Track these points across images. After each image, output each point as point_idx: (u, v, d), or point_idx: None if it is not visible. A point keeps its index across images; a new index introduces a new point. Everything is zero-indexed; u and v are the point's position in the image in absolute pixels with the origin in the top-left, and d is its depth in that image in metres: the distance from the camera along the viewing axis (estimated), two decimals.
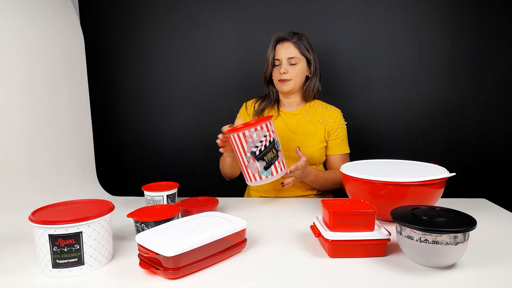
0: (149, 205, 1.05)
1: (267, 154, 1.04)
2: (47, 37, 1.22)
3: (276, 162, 1.06)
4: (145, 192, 1.11)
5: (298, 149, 1.17)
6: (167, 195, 1.09)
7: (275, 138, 1.05)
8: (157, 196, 1.09)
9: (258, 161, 1.04)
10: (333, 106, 1.39)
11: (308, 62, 1.32)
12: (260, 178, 1.05)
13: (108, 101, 1.77)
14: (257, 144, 1.02)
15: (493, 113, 1.59)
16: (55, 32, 1.27)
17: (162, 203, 1.09)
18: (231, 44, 1.67)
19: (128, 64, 1.74)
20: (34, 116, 1.14)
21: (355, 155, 1.39)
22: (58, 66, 1.28)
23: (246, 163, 1.05)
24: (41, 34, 1.19)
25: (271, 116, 1.07)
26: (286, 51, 1.28)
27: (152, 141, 1.78)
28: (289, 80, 1.29)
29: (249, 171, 1.06)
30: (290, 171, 1.12)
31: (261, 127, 1.02)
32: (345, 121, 1.39)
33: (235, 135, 1.03)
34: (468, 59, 1.57)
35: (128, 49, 1.73)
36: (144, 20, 1.69)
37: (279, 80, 1.30)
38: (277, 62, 1.30)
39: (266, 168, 1.04)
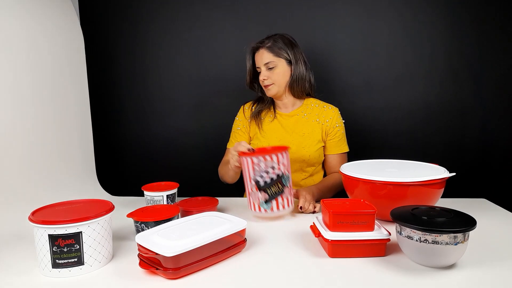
0: (149, 205, 1.05)
1: (271, 187, 0.98)
2: (47, 37, 1.22)
3: (280, 198, 0.99)
4: (145, 192, 1.11)
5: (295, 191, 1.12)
6: (167, 195, 1.09)
7: (284, 173, 0.99)
8: (157, 196, 1.09)
9: (260, 192, 0.99)
10: (330, 105, 1.38)
11: (288, 62, 1.30)
12: (259, 210, 1.00)
13: (108, 101, 1.77)
14: (262, 174, 0.98)
15: (493, 112, 1.58)
16: (55, 32, 1.27)
17: (162, 203, 1.09)
18: (231, 44, 1.67)
19: (128, 64, 1.74)
20: (34, 116, 1.14)
21: (355, 155, 1.38)
22: (58, 66, 1.28)
23: (250, 190, 1.01)
24: (41, 34, 1.19)
25: (286, 148, 1.02)
26: (261, 58, 1.29)
27: (152, 141, 1.78)
28: (271, 84, 1.30)
29: (251, 198, 1.02)
30: (301, 207, 1.07)
31: (271, 158, 0.97)
32: (343, 119, 1.38)
33: (244, 159, 1.00)
34: (468, 59, 1.57)
35: (128, 49, 1.72)
36: (144, 20, 1.69)
37: (264, 86, 1.32)
38: (259, 70, 1.33)
39: (267, 201, 0.99)
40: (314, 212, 1.09)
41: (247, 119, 1.40)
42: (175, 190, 1.12)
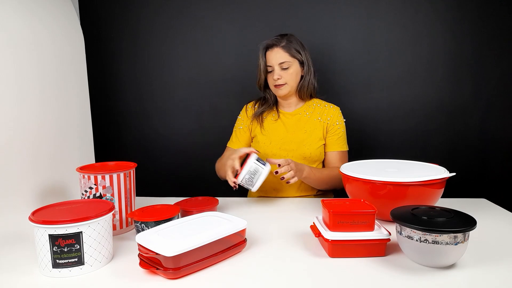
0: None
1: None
2: (47, 37, 1.22)
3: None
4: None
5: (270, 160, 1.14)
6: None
7: (105, 195, 0.92)
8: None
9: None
10: (332, 104, 1.39)
11: (301, 63, 1.31)
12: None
13: (108, 101, 1.77)
14: (82, 192, 0.93)
15: (493, 113, 1.58)
16: (55, 32, 1.27)
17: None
18: (232, 45, 1.67)
19: (128, 64, 1.74)
20: (34, 117, 1.14)
21: (355, 155, 1.38)
22: (58, 67, 1.28)
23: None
24: (41, 33, 1.19)
25: (129, 168, 0.95)
26: (276, 57, 1.28)
27: (152, 141, 1.78)
28: (284, 84, 1.30)
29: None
30: (279, 164, 1.10)
31: (88, 177, 0.90)
32: (344, 118, 1.38)
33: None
34: (468, 59, 1.57)
35: (128, 49, 1.72)
36: (144, 20, 1.69)
37: (274, 86, 1.31)
38: (269, 69, 1.31)
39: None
40: (288, 182, 1.12)
41: (249, 119, 1.40)
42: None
